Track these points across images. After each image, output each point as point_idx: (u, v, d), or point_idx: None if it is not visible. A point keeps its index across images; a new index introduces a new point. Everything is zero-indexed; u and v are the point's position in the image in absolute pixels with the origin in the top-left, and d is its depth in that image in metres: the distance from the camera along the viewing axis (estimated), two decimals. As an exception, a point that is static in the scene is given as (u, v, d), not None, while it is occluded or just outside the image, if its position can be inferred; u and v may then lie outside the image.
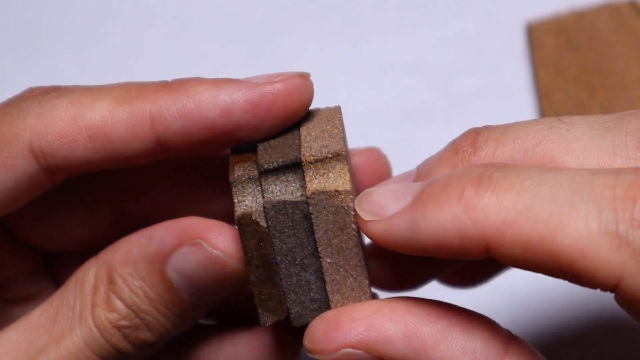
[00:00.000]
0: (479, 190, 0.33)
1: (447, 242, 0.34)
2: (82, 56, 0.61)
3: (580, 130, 0.36)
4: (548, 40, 0.60)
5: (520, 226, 0.33)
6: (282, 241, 0.36)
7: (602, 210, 0.32)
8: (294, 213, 0.36)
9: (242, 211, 0.36)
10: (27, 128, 0.38)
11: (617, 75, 0.59)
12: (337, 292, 0.37)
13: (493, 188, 0.33)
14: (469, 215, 0.33)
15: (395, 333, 0.35)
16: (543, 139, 0.36)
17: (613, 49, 0.59)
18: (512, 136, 0.37)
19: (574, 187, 0.33)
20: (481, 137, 0.37)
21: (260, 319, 0.37)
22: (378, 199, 0.36)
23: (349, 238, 0.36)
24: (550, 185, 0.33)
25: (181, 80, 0.38)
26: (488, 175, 0.34)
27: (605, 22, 0.60)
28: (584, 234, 0.32)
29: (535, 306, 0.54)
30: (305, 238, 0.37)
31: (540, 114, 0.59)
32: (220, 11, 0.62)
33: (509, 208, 0.33)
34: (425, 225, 0.34)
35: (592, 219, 0.32)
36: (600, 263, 0.32)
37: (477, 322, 0.35)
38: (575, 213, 0.32)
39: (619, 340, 0.53)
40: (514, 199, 0.33)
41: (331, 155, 0.36)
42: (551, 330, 0.54)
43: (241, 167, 0.37)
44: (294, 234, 0.37)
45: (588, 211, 0.32)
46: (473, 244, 0.33)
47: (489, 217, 0.33)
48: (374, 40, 0.61)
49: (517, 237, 0.33)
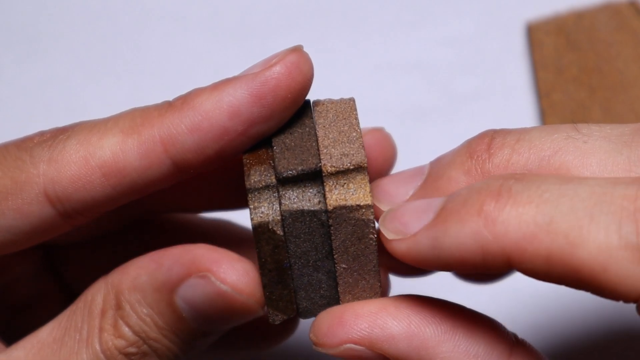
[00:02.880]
0: (499, 204, 0.33)
1: (470, 258, 0.34)
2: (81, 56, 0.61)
3: (596, 143, 0.36)
4: (548, 40, 0.60)
5: (540, 241, 0.33)
6: (297, 245, 0.37)
7: (622, 223, 0.32)
8: (311, 221, 0.36)
9: (258, 220, 0.36)
10: (40, 174, 0.37)
11: (617, 75, 0.59)
12: (348, 292, 0.37)
13: (512, 201, 0.33)
14: (489, 229, 0.33)
15: (398, 332, 0.35)
16: (559, 150, 0.36)
17: (613, 49, 0.59)
18: (527, 144, 0.37)
19: (593, 199, 0.33)
20: (496, 143, 0.37)
21: (270, 317, 0.38)
22: (401, 217, 0.36)
23: (366, 247, 0.37)
24: (569, 197, 0.33)
25: (182, 97, 0.38)
26: (507, 188, 0.34)
27: (605, 22, 0.60)
28: (604, 247, 0.32)
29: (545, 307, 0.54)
30: (321, 243, 0.37)
31: (540, 114, 0.59)
32: (220, 11, 0.62)
33: (529, 222, 0.33)
34: (447, 242, 0.34)
35: (613, 232, 0.32)
36: (621, 277, 0.32)
37: (482, 324, 0.35)
38: (595, 226, 0.32)
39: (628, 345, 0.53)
40: (533, 213, 0.33)
41: (353, 167, 0.36)
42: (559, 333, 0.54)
43: (257, 172, 0.37)
44: (310, 239, 0.37)
45: (608, 224, 0.32)
46: (495, 258, 0.33)
47: (509, 231, 0.33)
48: (374, 40, 0.61)
49: (537, 252, 0.33)
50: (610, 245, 0.32)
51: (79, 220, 0.38)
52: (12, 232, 0.38)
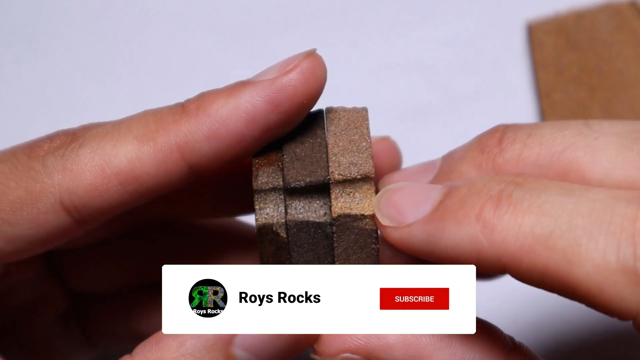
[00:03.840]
0: (498, 211, 0.33)
1: (464, 259, 0.34)
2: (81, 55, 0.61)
3: (608, 140, 0.36)
4: (548, 40, 0.60)
5: (537, 254, 0.32)
6: (300, 255, 0.37)
7: (620, 244, 0.32)
8: (315, 232, 0.37)
9: (263, 221, 0.37)
10: (55, 184, 0.37)
11: (617, 75, 0.59)
12: None
13: (512, 209, 0.33)
14: (486, 236, 0.33)
15: (394, 341, 0.35)
16: (570, 146, 0.36)
17: (613, 49, 0.59)
18: (538, 140, 0.36)
19: (593, 217, 0.32)
20: (507, 138, 0.37)
21: None
22: (397, 203, 0.36)
23: (368, 256, 0.37)
24: (569, 211, 0.33)
25: (196, 100, 0.37)
26: (507, 194, 0.33)
27: (605, 22, 0.60)
28: (601, 268, 0.32)
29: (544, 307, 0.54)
30: (323, 254, 0.37)
31: (540, 114, 0.59)
32: (221, 10, 0.62)
33: (527, 234, 0.33)
34: (443, 241, 0.34)
35: (611, 253, 0.32)
36: (616, 299, 0.32)
37: (479, 330, 0.35)
38: (593, 245, 0.32)
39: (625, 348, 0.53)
40: (532, 224, 0.33)
41: (360, 177, 0.36)
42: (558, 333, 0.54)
43: (265, 173, 0.37)
44: (313, 250, 0.37)
45: (607, 245, 0.32)
46: (489, 264, 0.33)
47: (506, 241, 0.33)
48: (374, 40, 0.61)
49: (534, 265, 0.33)
50: (607, 266, 0.32)
51: (92, 224, 0.38)
52: (27, 241, 0.37)
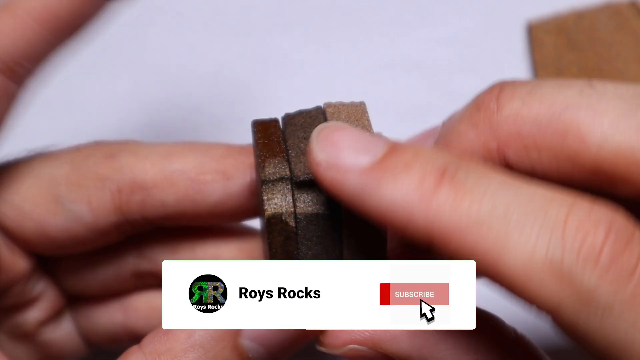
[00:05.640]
0: (439, 185, 0.33)
1: (392, 221, 0.33)
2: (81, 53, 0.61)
3: (610, 103, 0.35)
4: (548, 40, 0.60)
5: (468, 236, 0.32)
6: (309, 248, 0.37)
7: (552, 239, 0.32)
8: (325, 224, 0.37)
9: (272, 211, 0.37)
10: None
11: (617, 75, 0.59)
12: None
13: (453, 186, 0.33)
14: (422, 204, 0.33)
15: (400, 332, 0.35)
16: (571, 106, 0.35)
17: (613, 49, 0.59)
18: (538, 98, 0.36)
19: (529, 210, 0.32)
20: (506, 95, 0.36)
21: None
22: (337, 142, 0.35)
23: (376, 241, 0.37)
24: (507, 202, 0.33)
25: None
26: (452, 171, 0.33)
27: (605, 22, 0.60)
28: (529, 260, 0.32)
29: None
30: (331, 246, 0.37)
31: (540, 114, 0.59)
32: (221, 9, 0.62)
33: (462, 214, 0.33)
34: (376, 197, 0.33)
35: (541, 247, 0.32)
36: (540, 292, 0.32)
37: (482, 320, 0.35)
38: (525, 236, 0.32)
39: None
40: (469, 205, 0.33)
41: None
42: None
43: (271, 164, 0.37)
44: (321, 242, 0.37)
45: (539, 238, 0.32)
46: (417, 232, 0.33)
47: (440, 214, 0.33)
48: (374, 40, 0.61)
49: (462, 245, 0.33)
50: (535, 259, 0.32)
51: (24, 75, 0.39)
52: None
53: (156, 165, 0.41)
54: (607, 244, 0.32)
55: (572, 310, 0.32)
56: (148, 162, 0.41)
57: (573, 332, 0.32)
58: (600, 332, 0.32)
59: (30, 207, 0.41)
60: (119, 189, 0.41)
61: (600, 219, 0.32)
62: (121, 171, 0.41)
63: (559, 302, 0.32)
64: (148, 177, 0.41)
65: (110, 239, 0.43)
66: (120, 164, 0.42)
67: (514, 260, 0.32)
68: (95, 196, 0.41)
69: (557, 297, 0.32)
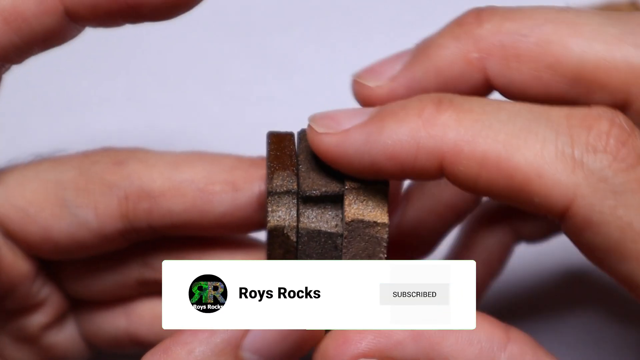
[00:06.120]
0: (439, 109, 0.34)
1: (402, 156, 0.34)
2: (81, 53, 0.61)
3: (590, 17, 0.36)
4: (548, 41, 0.60)
5: (478, 143, 0.34)
6: None
7: (559, 135, 0.33)
8: (325, 242, 0.37)
9: (275, 223, 0.37)
10: None
11: (617, 75, 0.59)
12: None
13: (454, 109, 0.34)
14: (427, 129, 0.34)
15: (403, 336, 0.35)
16: (551, 19, 0.37)
17: (613, 50, 0.59)
18: (519, 13, 0.37)
19: (531, 116, 0.34)
20: (486, 13, 0.37)
21: None
22: (334, 116, 0.36)
23: None
24: (509, 111, 0.34)
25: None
26: (449, 98, 0.35)
27: (605, 22, 0.60)
28: (541, 155, 0.33)
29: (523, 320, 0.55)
30: None
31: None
32: (221, 9, 0.62)
33: (468, 126, 0.34)
34: (382, 138, 0.35)
35: (549, 142, 0.33)
36: (554, 183, 0.33)
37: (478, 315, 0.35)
38: (533, 136, 0.34)
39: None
40: (474, 119, 0.34)
41: (374, 186, 0.37)
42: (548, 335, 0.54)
43: (279, 176, 0.37)
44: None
45: (545, 135, 0.34)
46: (428, 158, 0.34)
47: (447, 132, 0.34)
48: (374, 40, 0.61)
49: (473, 153, 0.34)
50: (546, 153, 0.33)
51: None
52: None
53: (164, 174, 0.41)
54: (612, 131, 0.33)
55: (587, 197, 0.33)
56: (156, 171, 0.41)
57: (586, 225, 0.33)
58: (614, 220, 0.33)
59: (36, 210, 0.41)
60: (126, 195, 0.41)
61: (600, 114, 0.34)
62: (129, 178, 0.41)
63: (575, 190, 0.33)
64: (156, 186, 0.41)
65: (115, 245, 0.42)
66: (128, 171, 0.41)
67: (526, 158, 0.33)
68: (102, 202, 0.41)
69: (572, 185, 0.33)
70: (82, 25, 0.38)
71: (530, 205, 0.34)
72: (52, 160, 0.43)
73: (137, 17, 0.38)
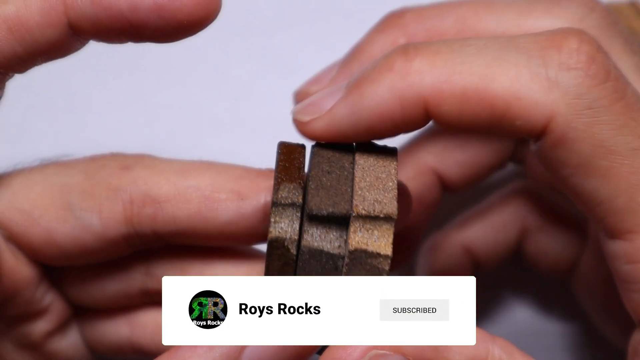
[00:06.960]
0: (408, 58, 0.35)
1: (389, 113, 0.36)
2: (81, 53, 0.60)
3: None
4: (549, 40, 0.60)
5: (454, 80, 0.35)
6: None
7: (530, 58, 0.35)
8: (327, 262, 0.37)
9: (276, 234, 0.37)
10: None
11: (618, 75, 0.59)
12: None
13: (422, 53, 0.35)
14: (404, 80, 0.35)
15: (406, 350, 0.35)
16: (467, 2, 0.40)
17: (614, 49, 0.59)
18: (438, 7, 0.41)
19: (499, 45, 0.35)
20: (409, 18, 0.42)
21: None
22: (313, 101, 0.37)
23: None
24: (475, 45, 0.36)
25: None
26: (413, 45, 0.36)
27: (606, 21, 0.60)
28: (516, 79, 0.35)
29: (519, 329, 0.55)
30: None
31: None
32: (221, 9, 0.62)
33: (441, 67, 0.35)
34: (365, 103, 0.36)
35: (523, 66, 0.35)
36: (533, 104, 0.34)
37: None
38: (506, 63, 0.35)
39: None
40: (445, 58, 0.35)
41: (382, 216, 0.36)
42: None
43: (286, 188, 0.37)
44: None
45: (518, 61, 0.35)
46: (413, 107, 0.35)
47: (423, 77, 0.35)
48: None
49: (453, 90, 0.35)
50: (521, 77, 0.35)
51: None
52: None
53: (171, 180, 0.41)
54: (582, 48, 0.35)
55: (564, 115, 0.34)
56: (163, 177, 0.41)
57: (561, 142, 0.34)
58: (587, 137, 0.34)
59: (40, 213, 0.41)
60: (131, 200, 0.41)
61: (566, 33, 0.35)
62: (135, 183, 0.41)
63: (552, 107, 0.34)
64: (162, 192, 0.41)
65: (119, 251, 0.42)
66: (134, 176, 0.41)
67: (502, 85, 0.35)
68: (107, 206, 0.41)
69: (550, 103, 0.34)
70: (86, 38, 0.39)
71: (512, 130, 0.35)
72: (59, 164, 0.43)
73: (139, 37, 0.38)
